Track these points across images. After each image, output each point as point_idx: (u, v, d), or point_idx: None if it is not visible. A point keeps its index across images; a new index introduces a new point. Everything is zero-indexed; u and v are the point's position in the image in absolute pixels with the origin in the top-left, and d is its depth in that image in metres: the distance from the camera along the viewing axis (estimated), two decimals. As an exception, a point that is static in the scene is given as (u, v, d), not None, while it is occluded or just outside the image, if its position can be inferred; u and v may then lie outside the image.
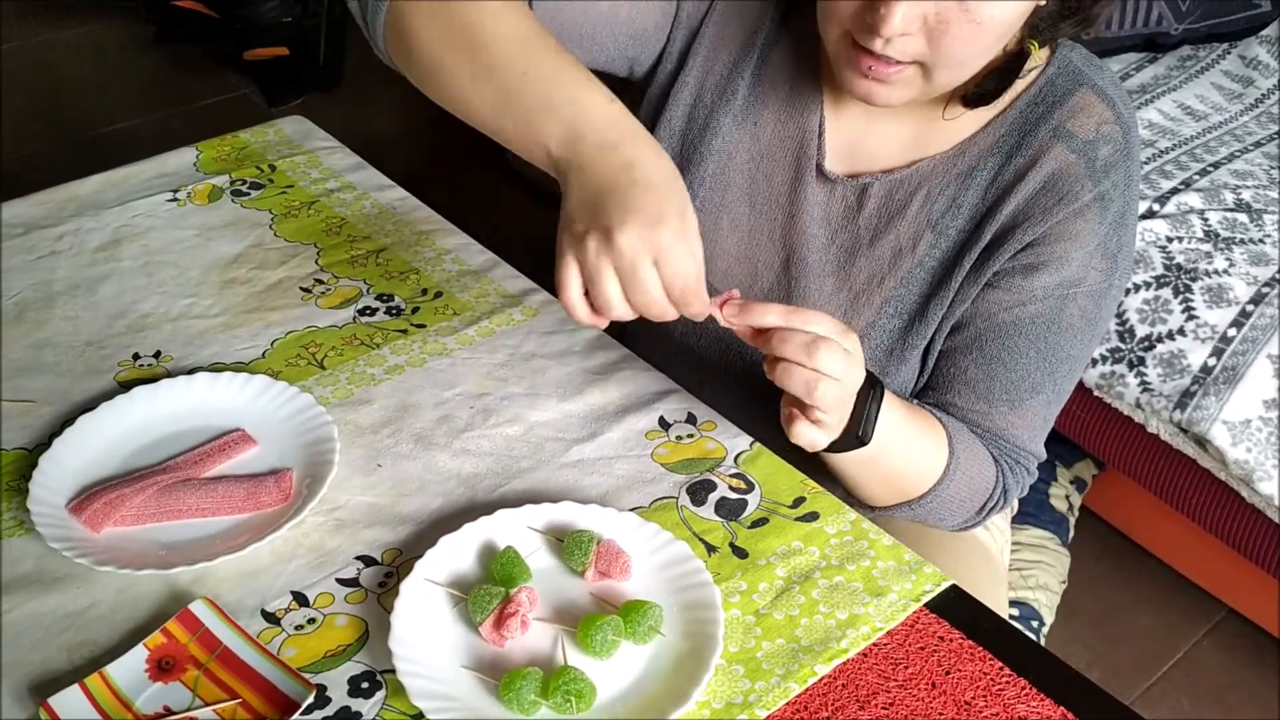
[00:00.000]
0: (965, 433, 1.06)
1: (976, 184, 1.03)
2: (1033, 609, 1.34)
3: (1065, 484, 1.56)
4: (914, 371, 1.08)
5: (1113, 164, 1.00)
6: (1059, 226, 1.00)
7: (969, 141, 1.03)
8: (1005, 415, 1.06)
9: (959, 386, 1.06)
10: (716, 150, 1.10)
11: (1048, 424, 1.09)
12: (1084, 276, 1.01)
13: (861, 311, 1.07)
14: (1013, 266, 1.02)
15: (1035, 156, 1.00)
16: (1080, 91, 1.01)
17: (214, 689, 0.82)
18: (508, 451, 1.03)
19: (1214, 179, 1.89)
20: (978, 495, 1.07)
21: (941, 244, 1.04)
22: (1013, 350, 1.03)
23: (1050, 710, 0.83)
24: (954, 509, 1.07)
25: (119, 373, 1.10)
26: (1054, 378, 1.05)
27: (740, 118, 1.09)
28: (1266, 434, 1.61)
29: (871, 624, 0.88)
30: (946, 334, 1.06)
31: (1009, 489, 1.08)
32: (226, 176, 1.37)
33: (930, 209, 1.04)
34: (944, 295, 1.04)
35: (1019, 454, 1.08)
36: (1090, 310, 1.03)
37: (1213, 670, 1.88)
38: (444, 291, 1.21)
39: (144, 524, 0.94)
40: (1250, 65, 2.22)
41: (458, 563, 0.91)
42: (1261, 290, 1.69)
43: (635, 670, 0.84)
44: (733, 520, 0.97)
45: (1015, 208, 1.01)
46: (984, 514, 1.09)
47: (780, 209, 1.09)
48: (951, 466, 1.03)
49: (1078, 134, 1.00)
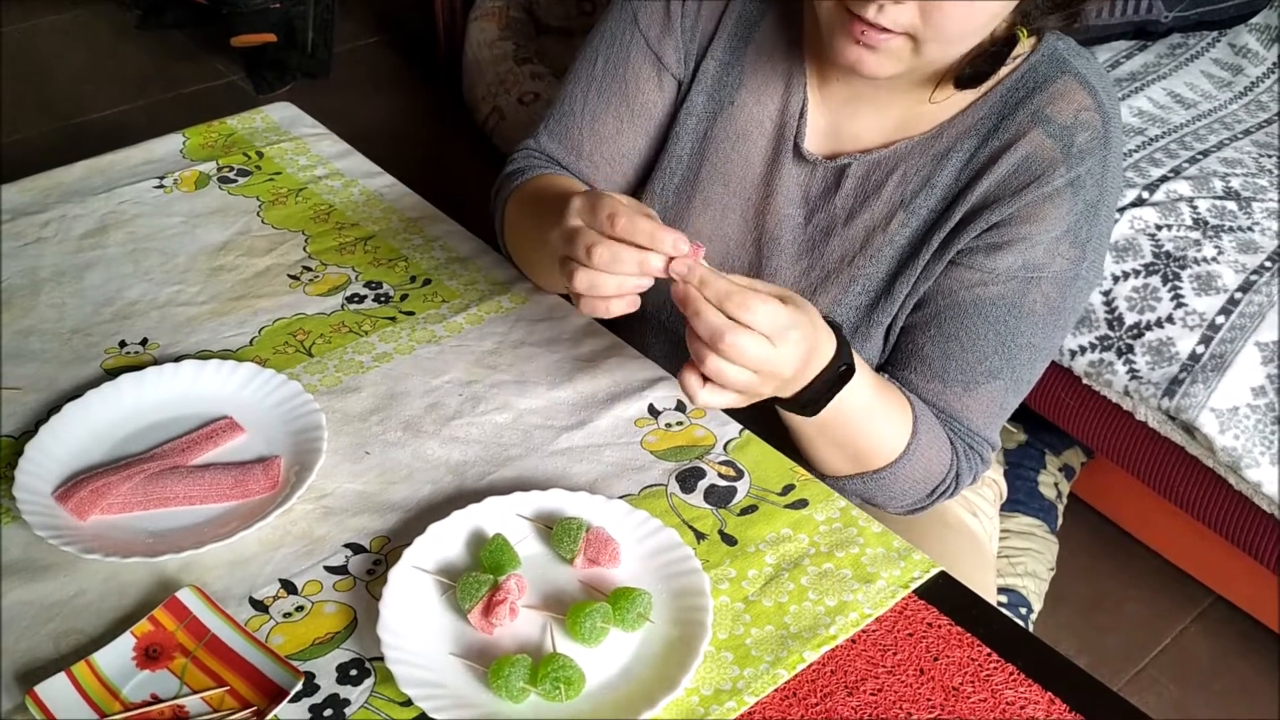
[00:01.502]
0: (929, 415, 1.05)
1: (951, 164, 1.03)
2: (1021, 596, 1.35)
3: (1054, 471, 1.56)
4: (877, 349, 1.08)
5: (1089, 151, 1.00)
6: (1027, 209, 0.99)
7: (948, 123, 1.03)
8: (960, 397, 1.05)
9: (915, 363, 1.06)
10: (691, 129, 1.11)
11: (1005, 412, 1.08)
12: (1049, 262, 1.01)
13: (829, 289, 1.07)
14: (977, 245, 1.01)
15: (1012, 139, 1.00)
16: (1063, 78, 1.01)
17: (202, 677, 0.82)
18: (496, 439, 1.03)
19: (1203, 167, 1.89)
20: (932, 478, 1.06)
21: (912, 222, 1.04)
22: (970, 330, 1.03)
23: (1037, 695, 0.84)
24: (907, 489, 1.06)
25: (106, 360, 1.09)
26: (1012, 364, 1.04)
27: (715, 97, 1.10)
28: (1254, 421, 1.61)
29: (860, 610, 0.89)
30: (910, 310, 1.06)
31: (961, 474, 1.08)
32: (214, 163, 1.37)
33: (904, 189, 1.04)
34: (910, 273, 1.04)
35: (972, 438, 1.07)
36: (1054, 298, 1.02)
37: (1200, 656, 1.89)
38: (433, 279, 1.21)
39: (131, 512, 0.93)
40: (1240, 53, 2.23)
41: (446, 550, 0.90)
42: (1250, 278, 1.69)
43: (624, 657, 0.84)
44: (722, 507, 0.97)
45: (987, 188, 1.00)
46: (933, 498, 1.08)
47: (755, 189, 1.09)
48: (912, 446, 1.02)
49: (1056, 119, 1.00)
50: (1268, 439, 1.60)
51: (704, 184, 1.11)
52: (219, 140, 1.41)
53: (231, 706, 0.80)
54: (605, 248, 0.86)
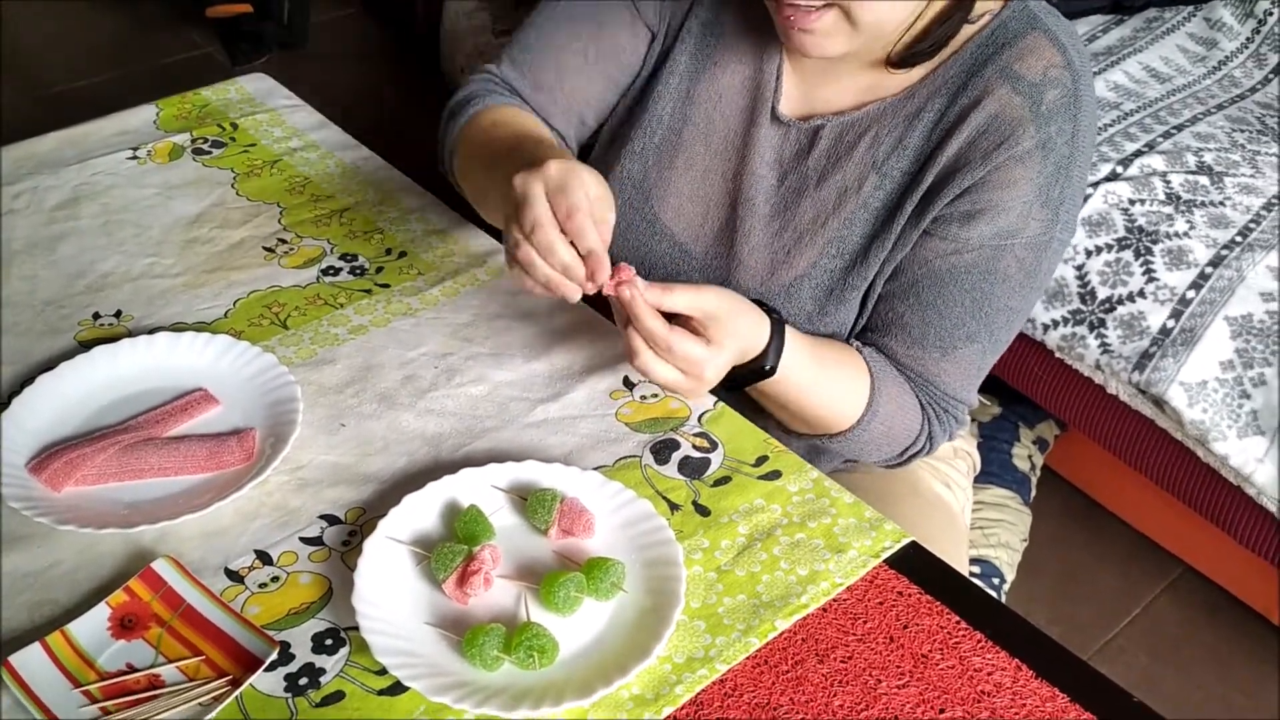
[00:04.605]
0: (893, 381, 1.06)
1: (922, 125, 1.03)
2: (994, 566, 1.36)
3: (1028, 444, 1.58)
4: (852, 312, 1.08)
5: (1058, 110, 0.99)
6: (997, 173, 0.99)
7: (920, 84, 1.03)
8: (937, 361, 1.06)
9: (895, 330, 1.07)
10: (674, 89, 1.11)
11: (982, 373, 1.10)
12: (1023, 227, 1.01)
13: (804, 252, 1.08)
14: (950, 213, 1.02)
15: (979, 96, 1.00)
16: (1032, 34, 1.00)
17: (177, 646, 0.82)
18: (472, 411, 1.03)
19: (1176, 141, 1.91)
20: (897, 442, 1.09)
21: (885, 185, 1.05)
22: (947, 298, 1.04)
23: (1005, 662, 0.85)
24: (870, 450, 1.09)
25: (79, 332, 1.09)
26: (990, 328, 1.05)
27: (698, 57, 1.10)
28: (1222, 395, 1.63)
29: (831, 580, 0.90)
30: (887, 278, 1.07)
31: (935, 435, 1.10)
32: (188, 134, 1.36)
33: (876, 150, 1.04)
34: (886, 238, 1.05)
35: (948, 401, 1.09)
36: (1029, 262, 1.03)
37: (1169, 626, 1.91)
38: (408, 251, 1.21)
39: (106, 483, 0.93)
40: (1214, 27, 2.24)
41: (421, 521, 0.91)
42: (1220, 253, 1.71)
43: (598, 626, 0.85)
44: (696, 479, 0.98)
45: (957, 149, 1.01)
46: (905, 456, 1.11)
47: (734, 150, 1.10)
48: (867, 417, 1.04)
49: (1024, 75, 0.99)
50: (1235, 412, 1.62)
51: (687, 144, 1.11)
52: (193, 112, 1.41)
53: (207, 676, 0.80)
54: (545, 233, 0.87)
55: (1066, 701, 0.82)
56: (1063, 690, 0.83)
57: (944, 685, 0.83)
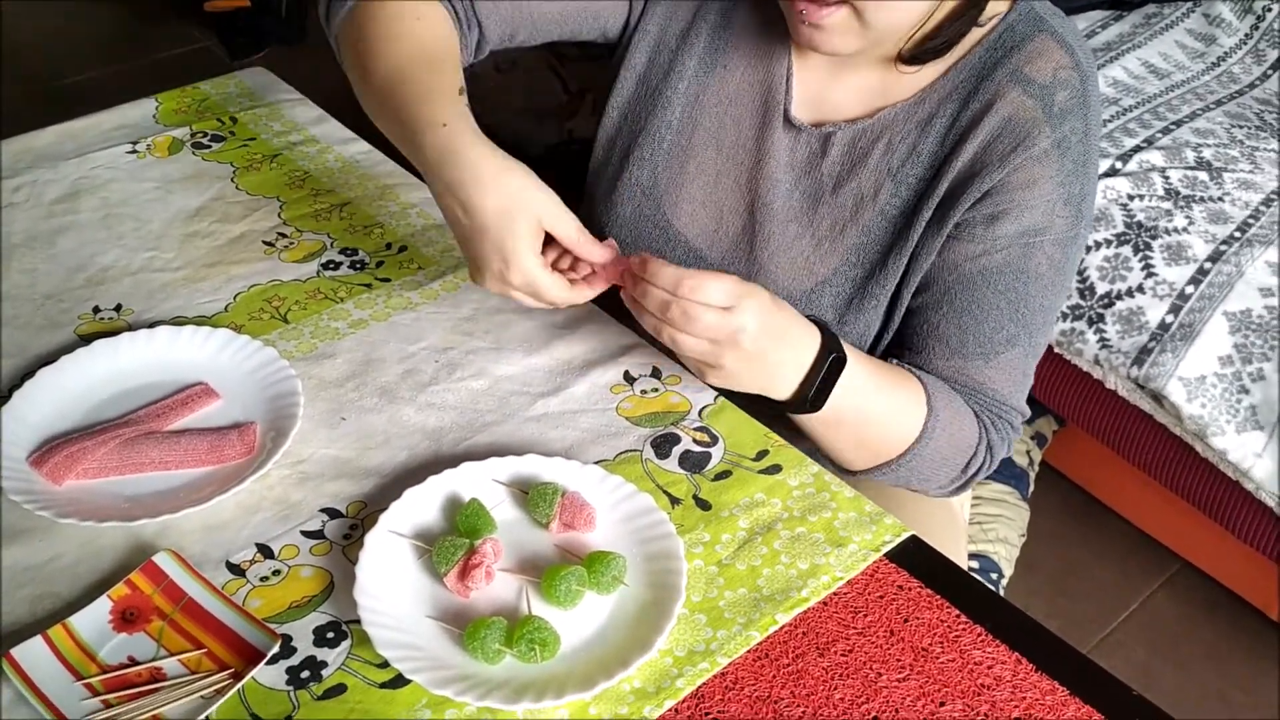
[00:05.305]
0: (944, 389, 1.04)
1: (935, 131, 1.03)
2: (992, 561, 1.37)
3: (1026, 439, 1.58)
4: (872, 323, 1.08)
5: (1070, 110, 0.99)
6: (1017, 174, 0.99)
7: (929, 89, 1.03)
8: (981, 369, 1.05)
9: (933, 343, 1.05)
10: (682, 93, 1.10)
11: (1027, 378, 1.08)
12: (1049, 224, 1.01)
13: (826, 259, 1.07)
14: (974, 216, 1.01)
15: (991, 100, 1.00)
16: (1039, 37, 1.00)
17: (179, 639, 0.82)
18: (472, 405, 1.03)
19: (1176, 137, 1.91)
20: (961, 453, 1.05)
21: (901, 192, 1.04)
22: (981, 302, 1.03)
23: (1005, 656, 0.85)
24: (936, 467, 1.05)
25: (79, 326, 1.09)
26: (1028, 329, 1.04)
27: (707, 60, 1.10)
28: (1220, 390, 1.63)
29: (832, 574, 0.90)
30: (915, 291, 1.06)
31: (994, 445, 1.07)
32: (187, 129, 1.36)
33: (890, 158, 1.04)
34: (904, 246, 1.04)
35: (1000, 408, 1.07)
36: (1058, 258, 1.03)
37: (1167, 621, 1.92)
38: (408, 245, 1.21)
39: (106, 477, 0.93)
40: (1214, 23, 2.24)
41: (422, 515, 0.91)
42: (1219, 248, 1.71)
43: (599, 619, 0.85)
44: (696, 473, 0.98)
45: (972, 154, 1.00)
46: (969, 473, 1.07)
47: (747, 154, 1.09)
48: (930, 424, 1.01)
49: (1035, 78, 0.99)
50: (1233, 407, 1.63)
51: (698, 148, 1.11)
52: (192, 106, 1.40)
53: (209, 669, 0.80)
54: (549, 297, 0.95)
55: (1066, 695, 0.83)
56: (1063, 684, 0.83)
57: (944, 678, 0.83)
